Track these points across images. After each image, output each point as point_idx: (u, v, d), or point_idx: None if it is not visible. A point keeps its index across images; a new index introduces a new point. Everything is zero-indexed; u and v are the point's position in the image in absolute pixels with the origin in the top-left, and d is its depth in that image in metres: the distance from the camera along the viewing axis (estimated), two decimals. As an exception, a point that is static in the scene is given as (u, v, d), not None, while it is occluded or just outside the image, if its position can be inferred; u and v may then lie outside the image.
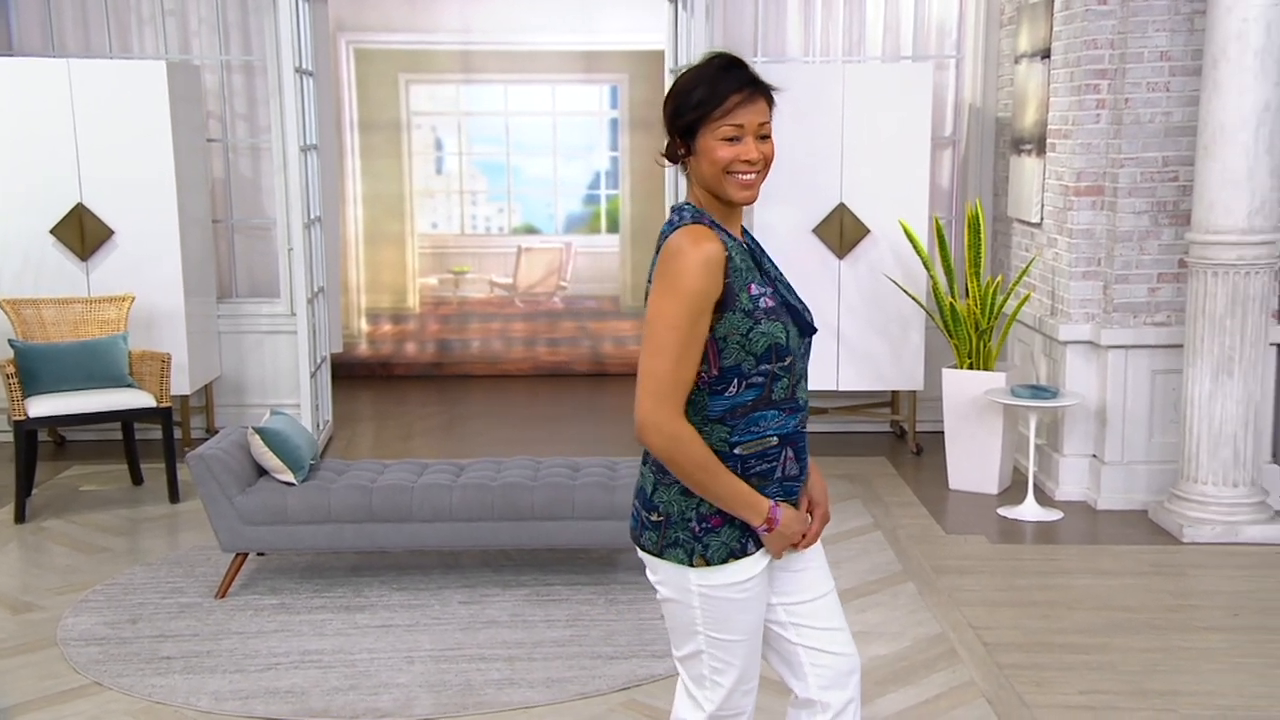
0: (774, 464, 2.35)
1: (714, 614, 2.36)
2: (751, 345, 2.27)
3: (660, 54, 8.67)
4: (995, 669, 3.96)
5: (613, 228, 9.47)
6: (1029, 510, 5.60)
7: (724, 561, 2.33)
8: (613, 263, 9.49)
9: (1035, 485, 5.75)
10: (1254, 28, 5.05)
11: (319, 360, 6.81)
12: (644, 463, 2.43)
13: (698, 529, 2.33)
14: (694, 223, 2.30)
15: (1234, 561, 5.01)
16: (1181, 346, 5.52)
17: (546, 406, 8.42)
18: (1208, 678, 3.91)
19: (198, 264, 6.90)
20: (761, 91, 2.34)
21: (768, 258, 2.47)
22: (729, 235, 2.35)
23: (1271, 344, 5.51)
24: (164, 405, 5.85)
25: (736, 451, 2.32)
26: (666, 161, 2.40)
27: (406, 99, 9.27)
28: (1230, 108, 5.11)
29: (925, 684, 3.84)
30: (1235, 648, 4.16)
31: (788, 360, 2.33)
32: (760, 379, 2.30)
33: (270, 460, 4.61)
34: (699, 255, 2.23)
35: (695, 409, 2.32)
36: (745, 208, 2.43)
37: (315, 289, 6.66)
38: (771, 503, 2.33)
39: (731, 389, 2.30)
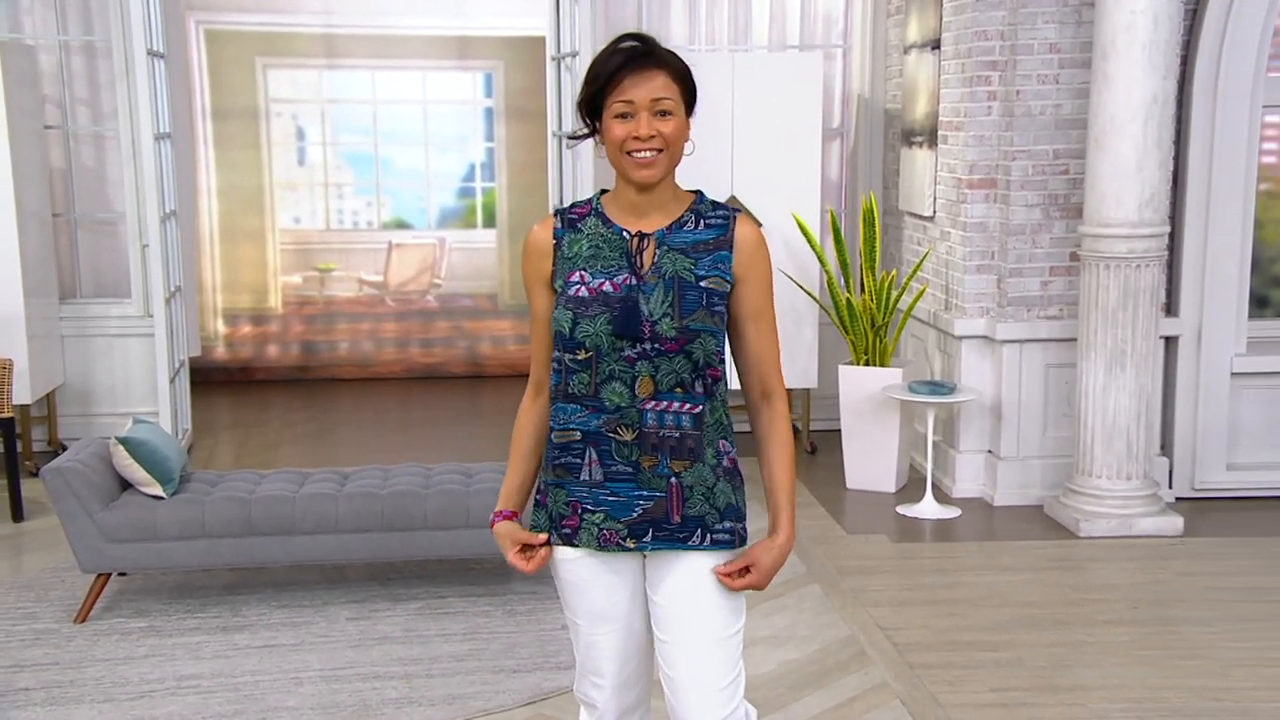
0: (579, 460, 2.39)
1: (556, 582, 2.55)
2: (553, 328, 2.41)
3: (537, 40, 8.67)
4: (907, 669, 4.07)
5: (489, 222, 9.44)
6: (928, 508, 5.77)
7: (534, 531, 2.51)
8: (489, 259, 9.45)
9: (932, 483, 5.92)
10: (1142, 20, 5.29)
11: (177, 365, 6.63)
12: None
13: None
14: (558, 211, 2.46)
15: (1129, 554, 5.24)
16: (1074, 340, 5.75)
17: (421, 411, 8.35)
18: (1113, 671, 4.09)
19: (37, 261, 6.64)
20: (658, 66, 2.34)
21: (683, 255, 2.36)
22: (604, 223, 2.40)
23: (1160, 337, 5.78)
24: (5, 416, 5.63)
25: (553, 437, 2.44)
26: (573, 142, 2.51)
27: (264, 85, 9.09)
28: (1120, 100, 5.34)
29: (839, 687, 3.93)
30: (1136, 640, 4.35)
31: (580, 354, 2.35)
32: (558, 366, 2.41)
33: (136, 473, 4.47)
34: (526, 241, 2.48)
35: None
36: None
37: (172, 288, 6.49)
38: (503, 511, 2.51)
39: (554, 369, 2.45)
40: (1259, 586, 4.87)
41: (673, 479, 2.38)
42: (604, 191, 2.48)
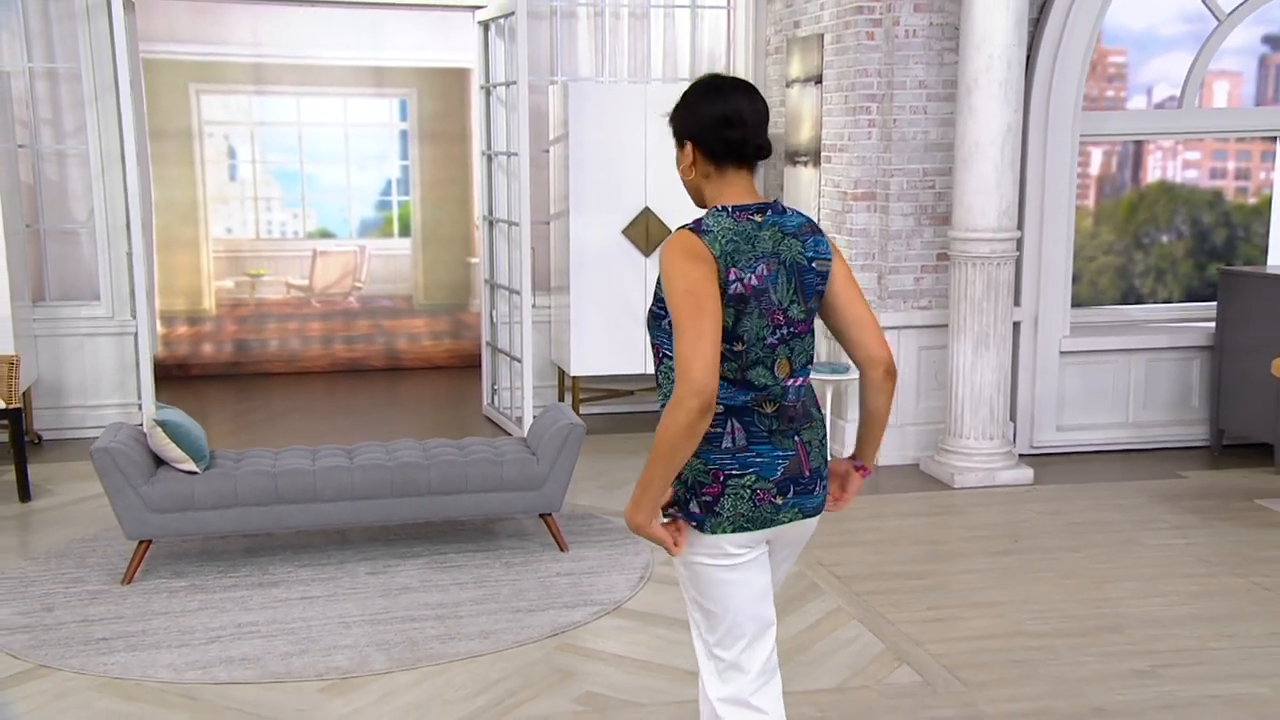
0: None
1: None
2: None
3: (448, 71, 8.78)
4: (855, 596, 4.40)
5: (405, 231, 9.45)
6: (827, 469, 6.14)
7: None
8: (405, 264, 9.47)
9: (827, 448, 6.29)
10: (998, 63, 5.76)
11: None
12: None
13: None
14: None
15: (997, 500, 5.71)
16: (941, 327, 6.21)
17: (346, 400, 8.32)
18: (1017, 590, 4.50)
19: (17, 268, 6.42)
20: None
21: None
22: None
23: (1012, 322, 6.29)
24: (13, 406, 5.46)
25: None
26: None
27: (198, 108, 8.89)
28: (982, 128, 5.81)
29: (803, 613, 4.22)
30: (1026, 565, 4.78)
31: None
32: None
33: (172, 451, 4.44)
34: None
35: None
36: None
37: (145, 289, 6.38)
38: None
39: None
40: (1102, 520, 5.38)
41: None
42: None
